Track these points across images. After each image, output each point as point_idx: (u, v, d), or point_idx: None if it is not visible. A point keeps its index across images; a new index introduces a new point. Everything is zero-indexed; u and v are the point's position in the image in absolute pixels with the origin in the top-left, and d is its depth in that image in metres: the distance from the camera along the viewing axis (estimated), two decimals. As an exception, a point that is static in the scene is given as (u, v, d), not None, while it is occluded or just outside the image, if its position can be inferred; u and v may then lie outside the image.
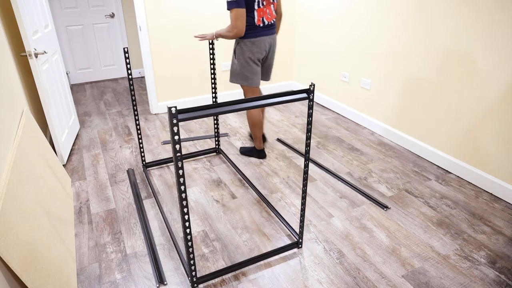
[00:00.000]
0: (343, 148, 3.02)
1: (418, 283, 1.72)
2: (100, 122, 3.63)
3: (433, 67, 2.60)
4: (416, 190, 2.44)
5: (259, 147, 2.83)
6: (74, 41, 4.72)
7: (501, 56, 2.16)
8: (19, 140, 1.80)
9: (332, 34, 3.54)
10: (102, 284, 1.74)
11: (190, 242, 1.58)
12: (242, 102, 1.44)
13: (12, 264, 1.23)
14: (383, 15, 2.92)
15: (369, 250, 1.92)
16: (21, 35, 2.34)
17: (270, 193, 2.43)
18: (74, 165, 2.82)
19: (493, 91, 2.25)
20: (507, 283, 1.72)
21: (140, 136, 2.63)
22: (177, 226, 2.13)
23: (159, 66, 3.61)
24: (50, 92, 2.71)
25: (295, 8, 4.02)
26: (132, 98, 2.47)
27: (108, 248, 1.97)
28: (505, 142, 2.25)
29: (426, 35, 2.60)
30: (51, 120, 2.65)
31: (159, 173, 2.69)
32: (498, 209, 2.23)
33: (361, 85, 3.33)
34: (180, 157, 1.37)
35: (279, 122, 3.54)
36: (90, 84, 4.95)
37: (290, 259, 1.87)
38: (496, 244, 1.95)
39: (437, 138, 2.70)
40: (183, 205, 1.48)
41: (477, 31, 2.26)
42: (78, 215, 2.24)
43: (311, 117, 1.61)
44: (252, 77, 2.60)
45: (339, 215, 2.20)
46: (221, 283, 1.74)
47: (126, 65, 2.33)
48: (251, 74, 2.59)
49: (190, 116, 1.32)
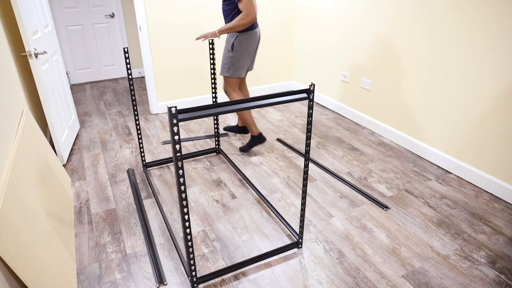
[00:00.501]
0: (343, 148, 3.02)
1: (418, 283, 1.72)
2: (100, 122, 3.63)
3: (433, 67, 2.60)
4: (416, 190, 2.44)
5: (257, 131, 2.87)
6: (74, 41, 4.72)
7: (502, 55, 2.16)
8: (19, 140, 1.80)
9: (332, 34, 3.54)
10: (102, 284, 1.74)
11: (190, 242, 1.58)
12: (242, 102, 1.44)
13: (12, 264, 1.23)
14: (383, 15, 2.92)
15: (369, 250, 1.92)
16: (21, 35, 2.34)
17: (270, 193, 2.43)
18: (74, 165, 2.82)
19: (493, 91, 2.25)
20: (507, 283, 1.72)
21: (140, 136, 2.63)
22: (177, 226, 2.13)
23: (159, 66, 3.61)
24: (50, 92, 2.72)
25: (295, 8, 4.02)
26: (132, 98, 2.47)
27: (108, 248, 1.97)
28: (505, 142, 2.25)
29: (426, 34, 2.60)
30: (51, 120, 2.65)
31: (159, 173, 2.69)
32: (498, 209, 2.23)
33: (361, 85, 3.33)
34: (180, 157, 1.37)
35: (279, 122, 3.54)
36: (90, 84, 4.95)
37: (290, 259, 1.87)
38: (496, 244, 1.95)
39: (437, 138, 2.70)
40: (183, 205, 1.48)
41: (478, 29, 2.26)
42: (78, 215, 2.24)
43: (311, 117, 1.61)
44: (244, 68, 2.72)
45: (339, 215, 2.20)
46: (221, 283, 1.74)
47: (126, 65, 2.33)
48: (244, 66, 2.71)
49: (190, 116, 1.32)
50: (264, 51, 4.06)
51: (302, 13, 3.91)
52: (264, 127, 3.43)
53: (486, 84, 2.28)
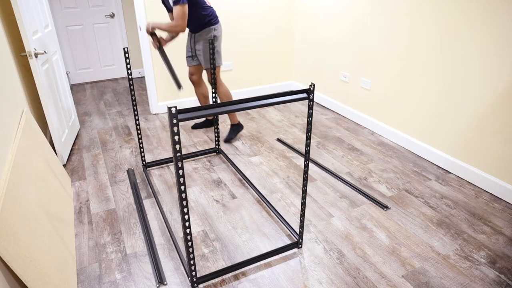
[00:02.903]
0: (343, 148, 3.02)
1: (418, 283, 1.72)
2: (100, 122, 3.63)
3: (434, 66, 2.60)
4: (416, 190, 2.44)
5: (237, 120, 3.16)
6: (74, 41, 4.72)
7: (502, 55, 2.16)
8: (19, 140, 1.80)
9: (332, 34, 3.54)
10: (102, 284, 1.74)
11: (190, 242, 1.58)
12: (242, 102, 1.44)
13: (12, 264, 1.23)
14: (383, 15, 2.92)
15: (369, 250, 1.92)
16: (21, 35, 2.34)
17: (270, 193, 2.43)
18: (74, 165, 2.82)
19: (493, 90, 2.25)
20: (507, 283, 1.72)
21: (140, 136, 2.63)
22: (177, 226, 2.13)
23: (159, 66, 3.61)
24: (50, 92, 2.72)
25: (294, 7, 4.02)
26: (132, 98, 2.47)
27: (108, 248, 1.97)
28: (505, 142, 2.25)
29: (426, 34, 2.60)
30: (51, 120, 2.65)
31: (159, 173, 2.69)
32: (498, 209, 2.23)
33: (361, 85, 3.33)
34: (180, 157, 1.37)
35: (279, 122, 3.54)
36: (90, 84, 4.95)
37: (290, 259, 1.87)
38: (496, 244, 1.95)
39: (437, 138, 2.70)
40: (183, 205, 1.48)
41: (479, 29, 2.26)
42: (78, 215, 2.24)
43: (311, 117, 1.61)
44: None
45: (339, 215, 2.20)
46: (221, 283, 1.74)
47: (126, 65, 2.33)
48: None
49: (190, 116, 1.32)
50: (264, 51, 4.06)
51: (302, 12, 3.91)
52: (264, 127, 3.43)
53: (486, 84, 2.28)
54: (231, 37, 3.83)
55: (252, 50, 3.99)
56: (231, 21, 3.76)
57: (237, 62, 3.97)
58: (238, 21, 3.80)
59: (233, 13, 3.73)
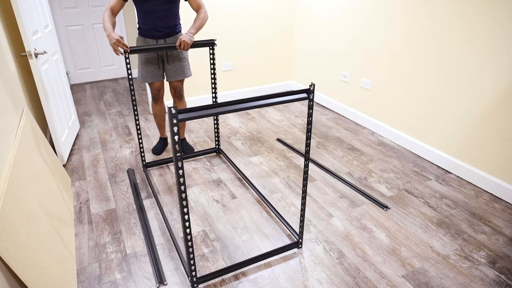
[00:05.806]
0: (343, 148, 3.02)
1: (418, 283, 1.72)
2: (100, 122, 3.63)
3: (433, 66, 2.60)
4: (416, 190, 2.44)
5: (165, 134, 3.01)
6: (74, 41, 4.72)
7: (502, 55, 2.16)
8: (19, 140, 1.80)
9: (332, 34, 3.54)
10: (102, 284, 1.74)
11: (190, 242, 1.58)
12: (242, 102, 1.44)
13: (12, 264, 1.23)
14: (383, 15, 2.92)
15: (369, 250, 1.92)
16: (21, 35, 2.34)
17: (270, 193, 2.43)
18: (74, 165, 2.82)
19: (493, 90, 2.25)
20: (507, 283, 1.72)
21: (140, 136, 2.63)
22: (177, 226, 2.13)
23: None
24: (50, 92, 2.71)
25: (295, 8, 4.02)
26: (132, 98, 2.47)
27: (108, 248, 1.97)
28: (505, 142, 2.25)
29: (426, 34, 2.60)
30: (51, 120, 2.65)
31: (159, 173, 2.69)
32: (498, 209, 2.23)
33: (361, 85, 3.33)
34: (180, 157, 1.37)
35: (279, 122, 3.54)
36: (90, 84, 4.95)
37: (290, 259, 1.87)
38: (496, 244, 1.95)
39: (437, 138, 2.70)
40: (183, 205, 1.48)
41: (478, 29, 2.26)
42: (78, 215, 2.24)
43: (311, 117, 1.61)
44: None
45: (339, 215, 2.20)
46: (221, 283, 1.74)
47: (126, 65, 2.33)
48: None
49: (190, 116, 1.32)
50: (264, 51, 4.06)
51: (302, 13, 3.91)
52: (264, 127, 3.43)
53: (486, 84, 2.28)
54: (231, 37, 3.83)
55: (252, 50, 3.99)
56: (232, 22, 3.76)
57: (237, 62, 3.97)
58: (239, 22, 3.80)
59: (234, 13, 3.74)
